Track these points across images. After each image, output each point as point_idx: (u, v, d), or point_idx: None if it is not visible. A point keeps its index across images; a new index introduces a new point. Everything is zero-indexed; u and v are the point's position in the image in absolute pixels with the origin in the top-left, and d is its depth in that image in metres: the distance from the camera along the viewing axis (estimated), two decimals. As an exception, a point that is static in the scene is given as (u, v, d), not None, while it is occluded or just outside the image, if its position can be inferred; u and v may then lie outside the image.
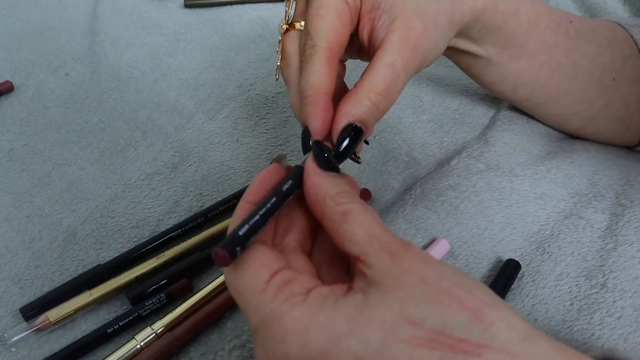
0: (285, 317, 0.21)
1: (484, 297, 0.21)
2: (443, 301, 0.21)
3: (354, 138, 0.28)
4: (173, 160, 0.46)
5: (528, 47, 0.40)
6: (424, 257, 0.22)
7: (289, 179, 0.26)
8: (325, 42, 0.29)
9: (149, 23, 0.63)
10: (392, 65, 0.29)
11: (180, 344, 0.33)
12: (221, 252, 0.22)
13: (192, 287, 0.37)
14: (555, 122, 0.47)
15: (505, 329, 0.20)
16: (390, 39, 0.30)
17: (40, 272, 0.38)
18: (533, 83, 0.42)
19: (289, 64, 0.31)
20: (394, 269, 0.22)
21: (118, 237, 0.40)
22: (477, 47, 0.39)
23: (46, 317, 0.34)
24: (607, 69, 0.43)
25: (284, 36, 0.32)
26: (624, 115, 0.44)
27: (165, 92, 0.53)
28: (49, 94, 0.53)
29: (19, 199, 0.43)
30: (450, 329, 0.20)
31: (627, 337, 0.33)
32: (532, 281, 0.36)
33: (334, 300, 0.22)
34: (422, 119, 0.50)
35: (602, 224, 0.39)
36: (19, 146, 0.47)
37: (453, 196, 0.40)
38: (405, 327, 0.20)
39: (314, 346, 0.21)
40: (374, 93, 0.28)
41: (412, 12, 0.30)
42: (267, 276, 0.23)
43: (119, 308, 0.36)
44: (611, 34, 0.44)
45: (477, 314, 0.20)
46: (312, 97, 0.28)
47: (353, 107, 0.28)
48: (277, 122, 0.50)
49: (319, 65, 0.29)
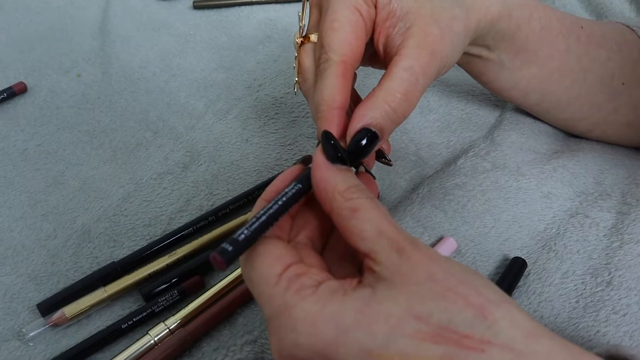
0: (295, 309, 0.22)
1: (490, 294, 0.22)
2: (449, 298, 0.21)
3: (368, 142, 0.27)
4: (184, 159, 0.47)
5: (540, 53, 0.40)
6: (432, 255, 0.23)
7: (297, 183, 0.26)
8: (339, 56, 0.29)
9: (159, 24, 0.64)
10: (410, 69, 0.29)
11: (193, 340, 0.34)
12: (218, 257, 0.23)
13: (204, 284, 0.37)
14: (563, 126, 0.48)
15: (508, 326, 0.21)
16: (407, 44, 0.30)
17: (55, 269, 0.39)
18: (544, 89, 0.43)
19: (306, 78, 0.32)
20: (401, 266, 0.22)
21: (131, 235, 0.41)
22: (489, 52, 0.40)
23: (62, 313, 0.35)
24: (617, 73, 0.43)
25: (300, 50, 0.32)
26: (633, 119, 0.45)
27: (175, 93, 0.54)
28: (62, 95, 0.54)
29: (34, 197, 0.44)
30: (456, 324, 0.21)
31: (633, 334, 0.33)
32: (538, 279, 0.36)
33: (342, 294, 0.22)
34: (429, 119, 0.50)
35: (608, 222, 0.39)
36: (33, 146, 0.48)
37: (460, 195, 0.41)
38: (411, 321, 0.21)
39: (323, 336, 0.22)
40: (391, 97, 0.28)
41: (428, 19, 0.30)
42: (280, 269, 0.23)
43: (133, 304, 0.37)
44: (621, 37, 0.44)
45: (482, 311, 0.21)
46: (324, 112, 0.28)
47: (369, 111, 0.28)
48: (286, 122, 0.50)
49: (332, 80, 0.29)
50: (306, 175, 0.26)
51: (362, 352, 0.21)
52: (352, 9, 0.30)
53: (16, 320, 0.36)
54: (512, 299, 0.23)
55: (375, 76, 0.52)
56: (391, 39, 0.30)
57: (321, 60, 0.30)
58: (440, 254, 0.23)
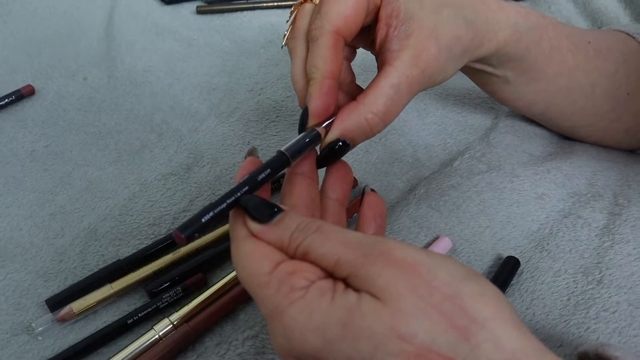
0: (284, 315, 0.23)
1: (476, 311, 0.21)
2: (433, 318, 0.21)
3: (339, 152, 0.29)
4: (187, 161, 0.48)
5: (549, 72, 0.40)
6: (409, 263, 0.22)
7: (245, 185, 0.26)
8: (333, 26, 0.29)
9: (163, 29, 0.65)
10: (396, 87, 0.29)
11: (196, 335, 0.35)
12: (179, 234, 0.24)
13: (206, 281, 0.38)
14: (564, 132, 0.48)
15: (491, 350, 0.21)
16: (401, 56, 0.29)
17: (63, 266, 0.40)
18: (549, 101, 0.43)
19: (296, 36, 0.31)
20: (375, 281, 0.22)
21: (136, 234, 0.42)
22: (494, 69, 0.39)
23: (70, 309, 0.36)
24: (623, 84, 0.43)
25: (299, 7, 0.32)
26: (632, 126, 0.45)
27: (179, 96, 0.55)
28: (69, 98, 0.55)
29: (42, 197, 0.45)
30: (439, 346, 0.21)
31: (622, 330, 0.34)
32: (531, 277, 0.37)
33: (329, 299, 0.22)
34: (426, 122, 0.51)
35: (599, 222, 0.40)
36: (40, 147, 0.50)
37: (455, 196, 0.42)
38: (394, 341, 0.21)
39: (312, 344, 0.22)
40: (372, 114, 0.29)
41: (429, 33, 0.30)
42: (270, 268, 0.23)
43: (138, 301, 0.38)
44: (625, 47, 0.44)
45: (465, 334, 0.21)
46: (317, 80, 0.29)
47: (349, 123, 0.29)
48: (287, 125, 0.51)
49: (325, 50, 0.29)
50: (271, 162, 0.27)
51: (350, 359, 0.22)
52: None
53: (25, 316, 0.37)
54: (507, 302, 0.23)
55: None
56: (389, 40, 0.30)
57: (314, 26, 0.30)
58: (423, 256, 0.23)
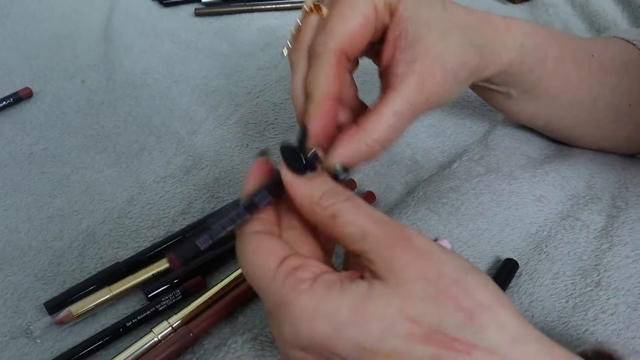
0: (293, 305, 0.23)
1: (481, 295, 0.23)
2: (441, 300, 0.22)
3: (341, 172, 0.28)
4: (186, 164, 0.48)
5: (551, 90, 0.40)
6: (425, 250, 0.24)
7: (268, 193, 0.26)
8: (338, 45, 0.29)
9: (161, 31, 0.65)
10: (399, 115, 0.29)
11: (195, 337, 0.35)
12: (175, 260, 0.24)
13: (205, 284, 0.38)
14: (565, 141, 0.48)
15: (495, 331, 0.22)
16: (406, 82, 0.29)
17: (61, 269, 0.40)
18: (551, 115, 0.43)
19: (299, 49, 0.31)
20: (393, 264, 0.23)
21: (135, 236, 0.42)
22: (497, 86, 0.39)
23: (69, 311, 0.36)
24: (625, 95, 0.43)
25: (305, 17, 0.31)
26: (632, 133, 0.45)
27: (177, 99, 0.55)
28: (67, 100, 0.55)
29: (40, 200, 0.45)
30: (446, 327, 0.22)
31: (620, 332, 0.34)
32: (529, 279, 0.37)
33: (339, 288, 0.23)
34: (425, 124, 0.51)
35: (598, 225, 0.40)
36: (38, 150, 0.50)
37: (454, 198, 0.42)
38: (403, 323, 0.22)
39: (320, 332, 0.23)
40: (372, 140, 0.28)
41: (435, 60, 0.30)
42: (276, 263, 0.24)
43: (137, 303, 0.38)
44: (626, 56, 0.44)
45: (471, 315, 0.22)
46: (317, 101, 0.28)
47: (349, 150, 0.28)
48: (285, 128, 0.52)
49: (327, 68, 0.29)
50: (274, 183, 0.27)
51: (357, 347, 0.22)
52: (371, 5, 0.29)
53: (24, 319, 0.37)
54: (506, 296, 0.24)
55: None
56: (395, 62, 0.30)
57: (318, 42, 0.29)
58: (434, 248, 0.24)
